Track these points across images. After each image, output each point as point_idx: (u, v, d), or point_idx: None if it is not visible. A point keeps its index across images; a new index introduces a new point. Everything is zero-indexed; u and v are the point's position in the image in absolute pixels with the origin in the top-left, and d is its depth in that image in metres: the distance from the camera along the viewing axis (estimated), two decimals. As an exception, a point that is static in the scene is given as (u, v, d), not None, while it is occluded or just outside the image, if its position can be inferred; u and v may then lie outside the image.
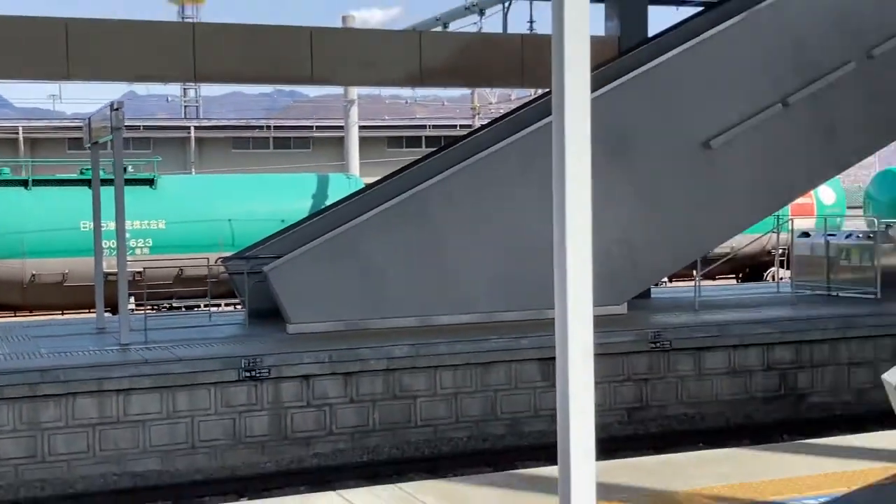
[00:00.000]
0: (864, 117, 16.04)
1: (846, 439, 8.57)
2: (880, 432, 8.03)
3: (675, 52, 15.06)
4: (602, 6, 18.24)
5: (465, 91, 44.65)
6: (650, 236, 15.10)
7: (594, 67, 15.67)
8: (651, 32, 17.33)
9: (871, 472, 7.30)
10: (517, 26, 21.98)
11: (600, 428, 15.13)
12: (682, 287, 19.43)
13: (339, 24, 30.01)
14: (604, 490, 6.77)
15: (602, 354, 13.37)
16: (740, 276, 26.04)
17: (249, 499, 10.30)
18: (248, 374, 11.90)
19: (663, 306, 16.54)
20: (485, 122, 24.12)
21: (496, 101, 42.49)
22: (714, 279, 23.46)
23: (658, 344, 13.97)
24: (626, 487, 7.12)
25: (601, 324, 13.78)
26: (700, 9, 17.82)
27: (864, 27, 15.58)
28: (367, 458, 12.36)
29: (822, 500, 6.76)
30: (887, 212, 25.34)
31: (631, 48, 16.56)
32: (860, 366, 13.94)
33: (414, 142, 43.34)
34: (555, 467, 4.86)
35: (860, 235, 18.30)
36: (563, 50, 4.45)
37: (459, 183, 14.25)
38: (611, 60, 16.02)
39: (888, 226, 18.99)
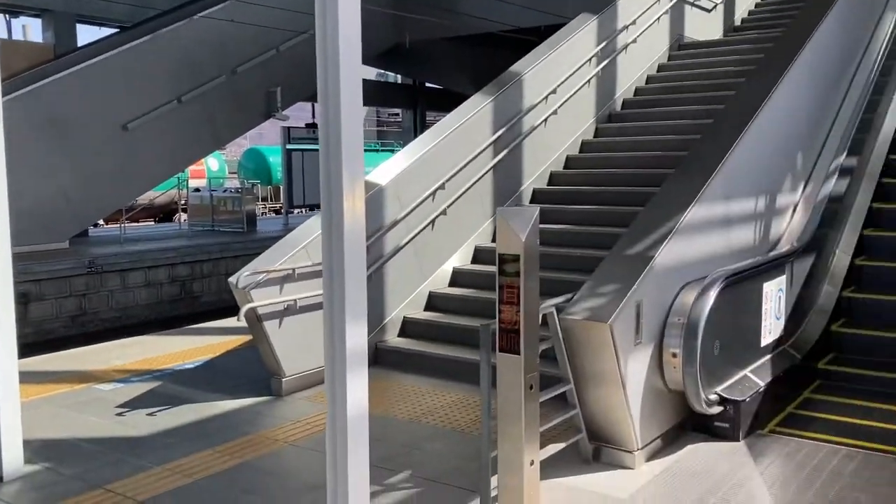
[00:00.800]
0: (232, 112, 16.22)
1: (219, 323, 8.76)
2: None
3: (102, 56, 13.95)
4: (40, 20, 16.32)
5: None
6: (84, 193, 13.94)
7: (35, 65, 14.00)
8: (81, 42, 15.84)
9: (231, 342, 7.56)
10: None
11: (49, 332, 13.62)
12: (114, 227, 18.22)
13: None
14: (39, 376, 6.25)
15: (49, 279, 12.30)
16: (157, 218, 25.10)
17: None
18: None
19: (98, 242, 15.43)
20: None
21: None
22: (139, 221, 22.36)
23: (93, 268, 13.05)
24: (58, 372, 6.59)
25: (46, 256, 12.64)
26: (117, 29, 16.62)
27: (230, 53, 15.72)
28: None
29: (197, 363, 6.86)
30: (253, 176, 26.17)
31: (64, 53, 14.97)
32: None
33: None
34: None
35: (234, 191, 18.63)
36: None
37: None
38: (48, 62, 14.33)
39: (252, 185, 19.61)
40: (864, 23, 8.47)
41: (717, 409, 5.00)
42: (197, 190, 18.64)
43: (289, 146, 18.93)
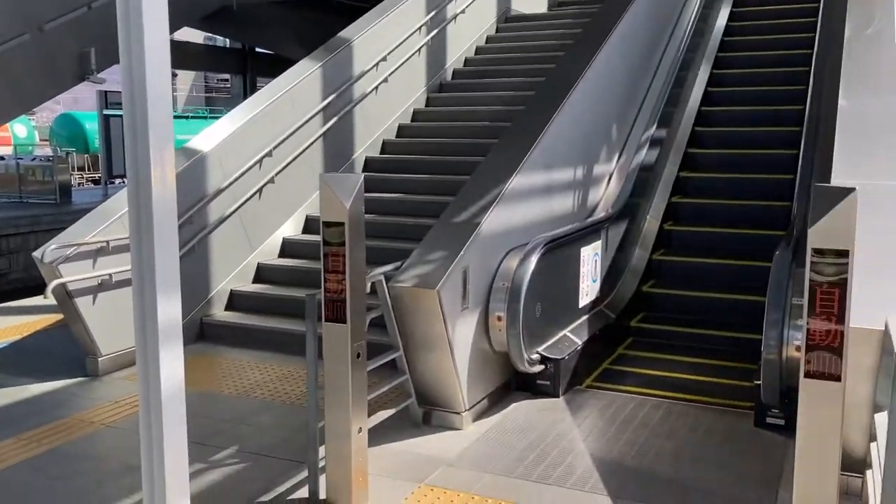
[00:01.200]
0: (39, 74, 14.83)
1: (29, 301, 8.08)
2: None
3: None
4: None
5: None
6: None
7: None
8: None
9: (42, 321, 7.04)
10: None
11: None
12: None
13: None
14: None
15: None
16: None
17: None
18: None
19: None
20: None
21: None
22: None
23: None
24: None
25: None
26: None
27: (35, 9, 14.36)
28: None
29: (1, 346, 6.33)
30: (67, 143, 24.29)
31: None
32: (46, 250, 13.06)
33: None
34: None
35: (44, 159, 17.25)
36: None
37: None
38: None
39: (67, 153, 18.22)
40: (672, 2, 9.04)
41: (538, 368, 5.25)
42: (2, 158, 17.05)
43: (106, 111, 17.67)
